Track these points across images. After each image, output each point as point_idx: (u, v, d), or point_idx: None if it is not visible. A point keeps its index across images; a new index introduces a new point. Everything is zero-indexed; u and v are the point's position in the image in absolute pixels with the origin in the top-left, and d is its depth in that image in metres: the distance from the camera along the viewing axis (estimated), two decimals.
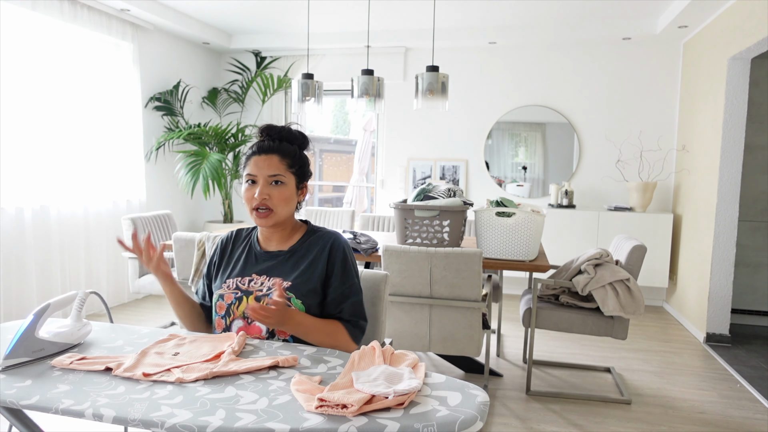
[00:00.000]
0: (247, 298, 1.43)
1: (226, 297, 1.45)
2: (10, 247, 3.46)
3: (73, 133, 3.88)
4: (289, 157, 1.45)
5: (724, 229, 3.65)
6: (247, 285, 1.45)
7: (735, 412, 2.67)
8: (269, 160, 1.42)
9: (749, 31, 3.27)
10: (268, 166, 1.42)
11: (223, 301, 1.45)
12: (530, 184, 5.08)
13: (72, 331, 1.29)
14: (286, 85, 5.22)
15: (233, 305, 1.43)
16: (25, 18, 3.50)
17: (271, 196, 1.42)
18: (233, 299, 1.44)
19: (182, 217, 5.26)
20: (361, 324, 1.46)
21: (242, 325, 1.42)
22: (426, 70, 3.08)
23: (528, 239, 2.73)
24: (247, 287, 1.44)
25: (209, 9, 4.51)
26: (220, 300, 1.45)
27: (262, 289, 1.43)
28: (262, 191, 1.41)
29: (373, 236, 3.37)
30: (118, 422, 0.95)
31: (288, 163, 1.44)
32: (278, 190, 1.43)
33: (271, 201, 1.42)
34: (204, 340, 1.32)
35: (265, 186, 1.42)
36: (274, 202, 1.42)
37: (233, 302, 1.43)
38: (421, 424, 0.92)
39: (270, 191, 1.42)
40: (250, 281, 1.46)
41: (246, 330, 1.41)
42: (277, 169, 1.42)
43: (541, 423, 2.50)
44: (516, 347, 3.55)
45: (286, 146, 1.46)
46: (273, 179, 1.42)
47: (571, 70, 4.91)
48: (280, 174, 1.42)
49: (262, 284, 1.44)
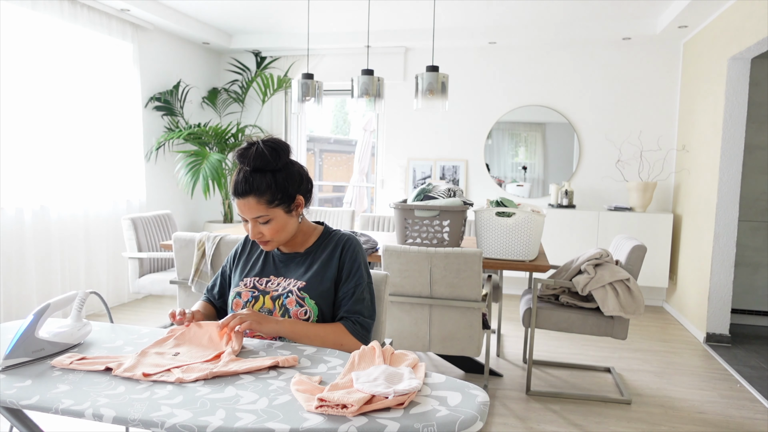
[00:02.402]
0: (264, 298, 1.46)
1: (243, 295, 1.48)
2: (10, 247, 3.46)
3: (73, 133, 3.87)
4: (266, 194, 1.39)
5: (724, 229, 3.65)
6: (264, 285, 1.49)
7: (735, 412, 2.67)
8: (247, 204, 1.39)
9: (749, 31, 3.27)
10: (249, 209, 1.40)
11: (240, 299, 1.48)
12: (530, 184, 5.08)
13: (72, 332, 1.29)
14: (286, 85, 5.22)
15: (249, 303, 1.47)
16: (25, 18, 3.50)
17: (263, 233, 1.44)
18: (249, 297, 1.47)
19: (182, 217, 5.26)
20: (362, 321, 1.46)
21: None
22: (426, 70, 3.08)
23: (528, 239, 2.73)
24: (264, 287, 1.48)
25: (209, 9, 4.51)
26: (237, 297, 1.49)
27: (278, 289, 1.47)
28: (253, 231, 1.44)
29: (373, 236, 3.37)
30: (118, 422, 0.95)
31: (267, 200, 1.39)
32: (268, 227, 1.43)
33: (265, 236, 1.44)
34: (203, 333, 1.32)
35: (255, 225, 1.43)
36: (268, 236, 1.44)
37: (249, 300, 1.47)
38: (421, 424, 0.92)
39: (261, 229, 1.43)
40: (267, 282, 1.50)
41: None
42: (258, 211, 1.40)
43: (541, 423, 2.50)
44: (516, 347, 3.55)
45: (259, 181, 1.38)
46: (258, 220, 1.42)
47: (571, 70, 4.91)
48: (263, 214, 1.40)
49: (278, 285, 1.48)
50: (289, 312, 1.43)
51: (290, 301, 1.44)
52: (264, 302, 1.46)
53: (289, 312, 1.43)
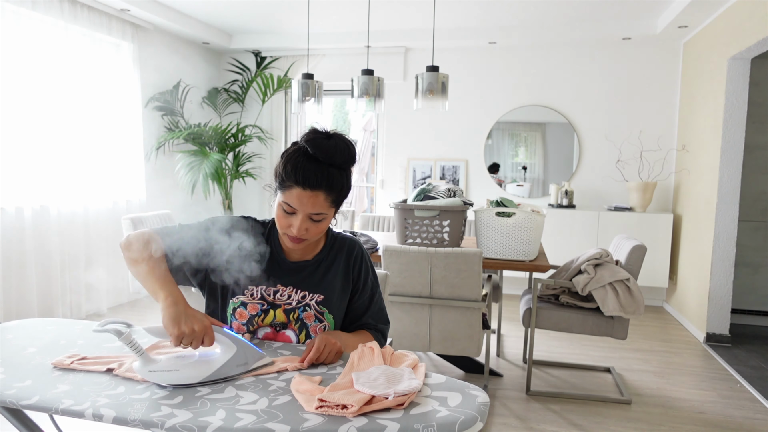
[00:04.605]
0: (275, 311, 1.36)
1: (250, 307, 1.36)
2: (10, 247, 3.46)
3: (73, 133, 3.87)
4: (334, 193, 1.27)
5: (724, 229, 3.65)
6: (273, 296, 1.36)
7: (735, 412, 2.67)
8: (314, 198, 1.24)
9: (749, 31, 3.26)
10: (312, 204, 1.25)
11: (245, 310, 1.36)
12: (530, 184, 5.08)
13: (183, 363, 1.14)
14: (286, 85, 5.21)
15: (258, 317, 1.36)
16: (25, 18, 3.50)
17: (309, 230, 1.29)
18: (259, 311, 1.36)
19: (182, 217, 5.25)
20: (385, 330, 1.48)
21: (269, 332, 1.37)
22: (426, 70, 3.07)
23: (528, 239, 2.73)
24: (273, 299, 1.36)
25: (209, 9, 4.50)
26: (242, 308, 1.36)
27: (291, 302, 1.36)
28: (301, 227, 1.27)
29: (373, 236, 3.37)
30: (118, 422, 0.95)
31: (333, 198, 1.28)
32: (317, 225, 1.30)
33: (308, 234, 1.30)
34: None
35: (305, 221, 1.27)
36: (310, 235, 1.30)
37: (258, 314, 1.36)
38: (421, 425, 0.92)
39: (308, 226, 1.28)
40: (275, 293, 1.37)
41: (274, 337, 1.37)
42: (321, 208, 1.26)
43: (541, 423, 2.50)
44: (516, 347, 3.55)
45: (334, 176, 1.26)
46: (314, 217, 1.28)
47: (571, 70, 4.91)
48: (323, 212, 1.28)
49: (289, 297, 1.36)
50: (308, 327, 1.36)
51: (308, 315, 1.36)
52: (275, 316, 1.36)
53: (308, 327, 1.36)
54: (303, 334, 1.37)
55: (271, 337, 1.37)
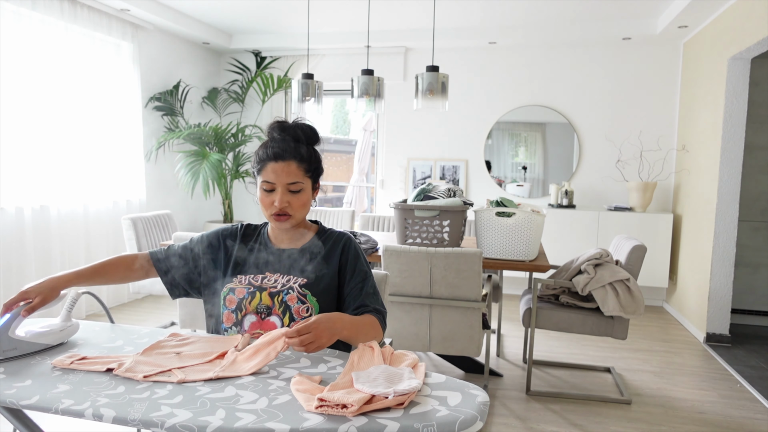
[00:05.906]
0: (261, 294, 1.42)
1: (238, 291, 1.43)
2: (10, 246, 3.46)
3: (73, 133, 3.87)
4: (305, 162, 1.43)
5: (724, 229, 3.65)
6: (260, 281, 1.44)
7: (735, 412, 2.67)
8: (287, 168, 1.40)
9: (749, 31, 3.27)
10: (286, 173, 1.40)
11: (233, 296, 1.43)
12: (530, 184, 5.08)
13: (53, 331, 1.27)
14: (286, 85, 5.22)
15: (245, 300, 1.42)
16: (25, 18, 3.50)
17: (290, 203, 1.42)
18: (245, 294, 1.42)
19: (182, 217, 5.26)
20: (385, 313, 1.50)
21: (255, 320, 1.41)
22: (426, 70, 3.08)
23: (528, 239, 2.73)
24: (260, 283, 1.44)
25: (209, 9, 4.51)
26: (231, 294, 1.44)
27: (276, 286, 1.43)
28: (282, 199, 1.40)
29: (373, 236, 3.37)
30: (118, 422, 0.95)
31: (305, 167, 1.43)
32: (297, 197, 1.43)
33: (291, 207, 1.43)
34: (206, 341, 1.31)
35: (285, 193, 1.41)
36: (293, 209, 1.43)
37: (245, 297, 1.42)
38: (421, 424, 0.92)
39: (289, 198, 1.42)
40: (263, 278, 1.45)
41: (259, 326, 1.40)
42: (295, 177, 1.41)
43: (541, 423, 2.50)
44: (516, 347, 3.55)
45: (301, 149, 1.43)
46: (291, 187, 1.41)
47: (571, 70, 4.91)
48: (299, 181, 1.41)
49: (275, 281, 1.44)
50: (291, 309, 1.41)
51: (291, 297, 1.42)
52: (261, 299, 1.42)
53: (291, 309, 1.41)
54: (287, 317, 1.41)
55: (257, 326, 1.40)
